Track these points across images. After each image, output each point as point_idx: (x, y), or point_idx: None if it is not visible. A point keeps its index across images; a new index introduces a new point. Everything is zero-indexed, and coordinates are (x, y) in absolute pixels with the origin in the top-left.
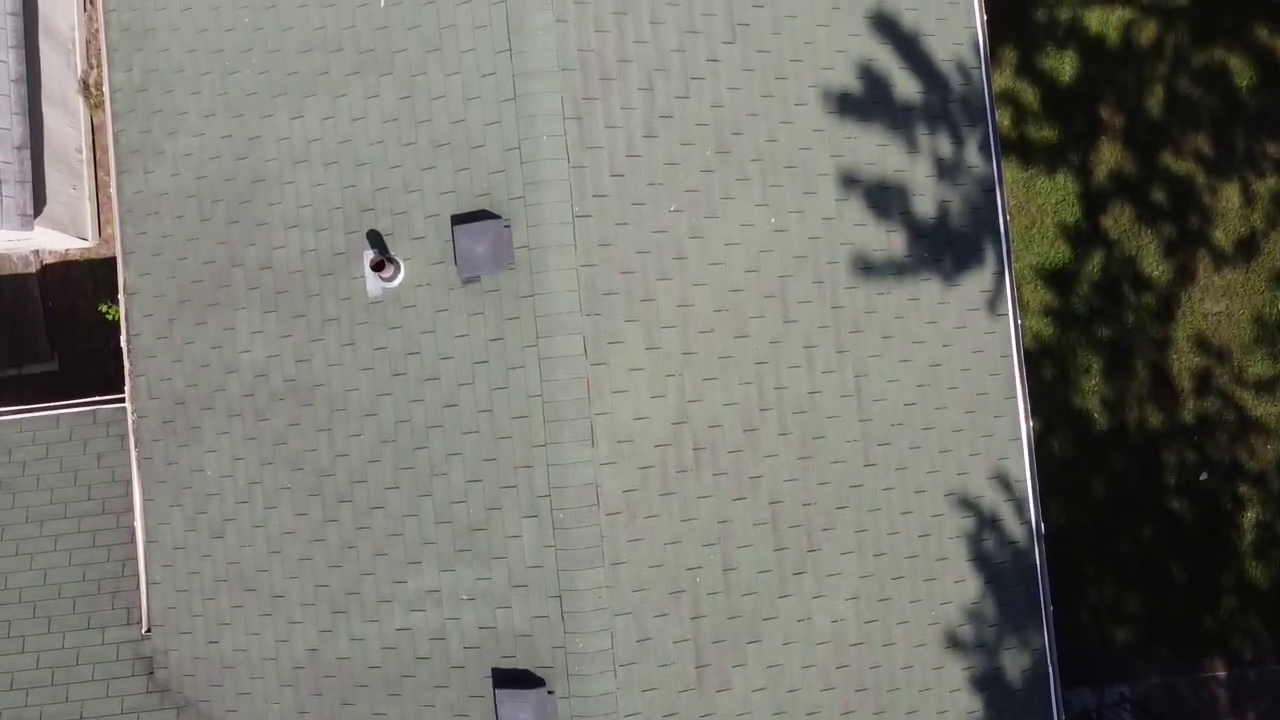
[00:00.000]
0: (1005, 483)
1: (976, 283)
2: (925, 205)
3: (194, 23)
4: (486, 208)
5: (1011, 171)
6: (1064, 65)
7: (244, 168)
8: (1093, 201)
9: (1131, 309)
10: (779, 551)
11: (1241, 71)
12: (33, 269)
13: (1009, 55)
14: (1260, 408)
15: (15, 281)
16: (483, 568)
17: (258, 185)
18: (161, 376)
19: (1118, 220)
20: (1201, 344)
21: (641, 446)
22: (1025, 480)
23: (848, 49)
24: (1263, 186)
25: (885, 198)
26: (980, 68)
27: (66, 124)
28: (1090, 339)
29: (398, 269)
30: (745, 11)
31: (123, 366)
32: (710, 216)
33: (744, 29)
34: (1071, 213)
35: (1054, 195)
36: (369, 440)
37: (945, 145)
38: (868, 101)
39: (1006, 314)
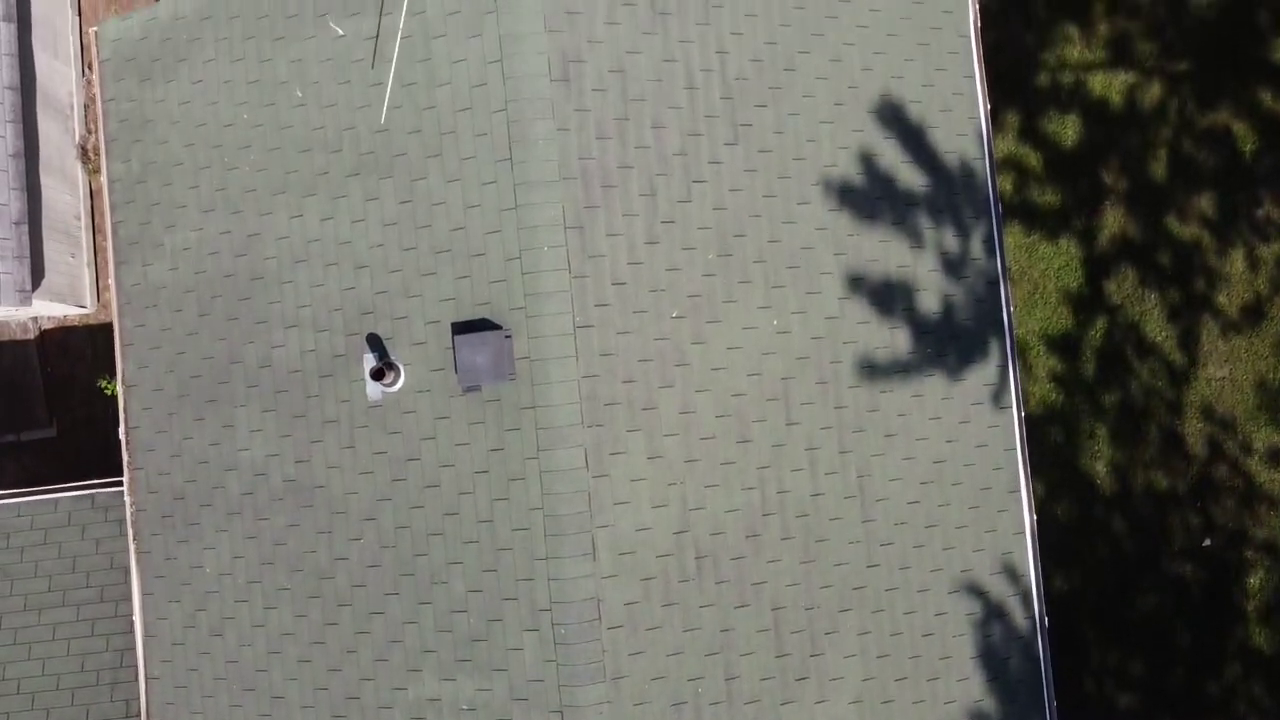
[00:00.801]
0: (1009, 576)
1: (980, 376)
2: (929, 300)
3: (192, 117)
4: (487, 316)
5: (1014, 237)
6: (1067, 129)
7: (243, 265)
8: (1096, 266)
9: (1135, 374)
10: (781, 658)
11: (1245, 136)
12: (31, 335)
13: (1011, 120)
14: (1264, 474)
15: (14, 348)
16: (484, 679)
17: (257, 283)
18: (160, 471)
19: (1121, 285)
20: (1205, 409)
21: (643, 558)
22: (1029, 573)
23: (851, 144)
24: (1267, 251)
25: (889, 294)
26: (984, 159)
27: (65, 191)
28: (1094, 403)
29: (398, 374)
30: (747, 112)
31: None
32: (712, 321)
33: (746, 129)
34: (1074, 278)
35: (1057, 260)
36: (369, 545)
37: (949, 239)
38: (871, 197)
39: (1010, 407)
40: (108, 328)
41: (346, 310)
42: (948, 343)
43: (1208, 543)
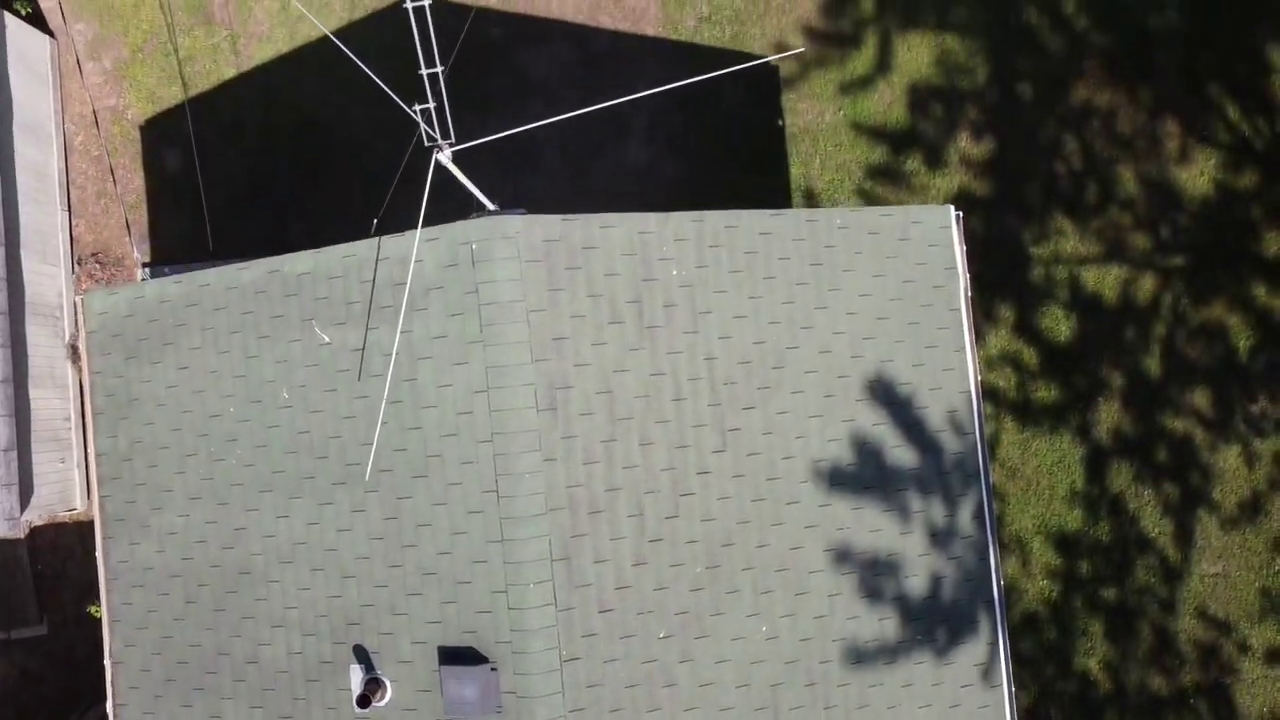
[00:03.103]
0: None
1: (970, 655)
2: (918, 583)
3: (179, 402)
4: (474, 645)
5: (1009, 433)
6: (1061, 324)
7: (230, 557)
8: (1091, 461)
9: (1130, 569)
10: None
11: (1240, 331)
12: (20, 533)
13: (1005, 314)
14: (1256, 670)
15: (2, 546)
16: None
17: (244, 578)
18: None
19: (1116, 480)
20: (1199, 606)
21: None
22: None
23: (840, 434)
24: (1262, 447)
25: (878, 582)
26: (975, 431)
27: (54, 396)
28: (1089, 600)
29: (385, 692)
30: (735, 416)
31: None
32: (701, 636)
33: (734, 434)
34: (1069, 474)
35: (1051, 456)
36: None
37: (938, 515)
38: (860, 485)
39: (1001, 684)
40: None
41: (333, 618)
42: (937, 624)
43: None
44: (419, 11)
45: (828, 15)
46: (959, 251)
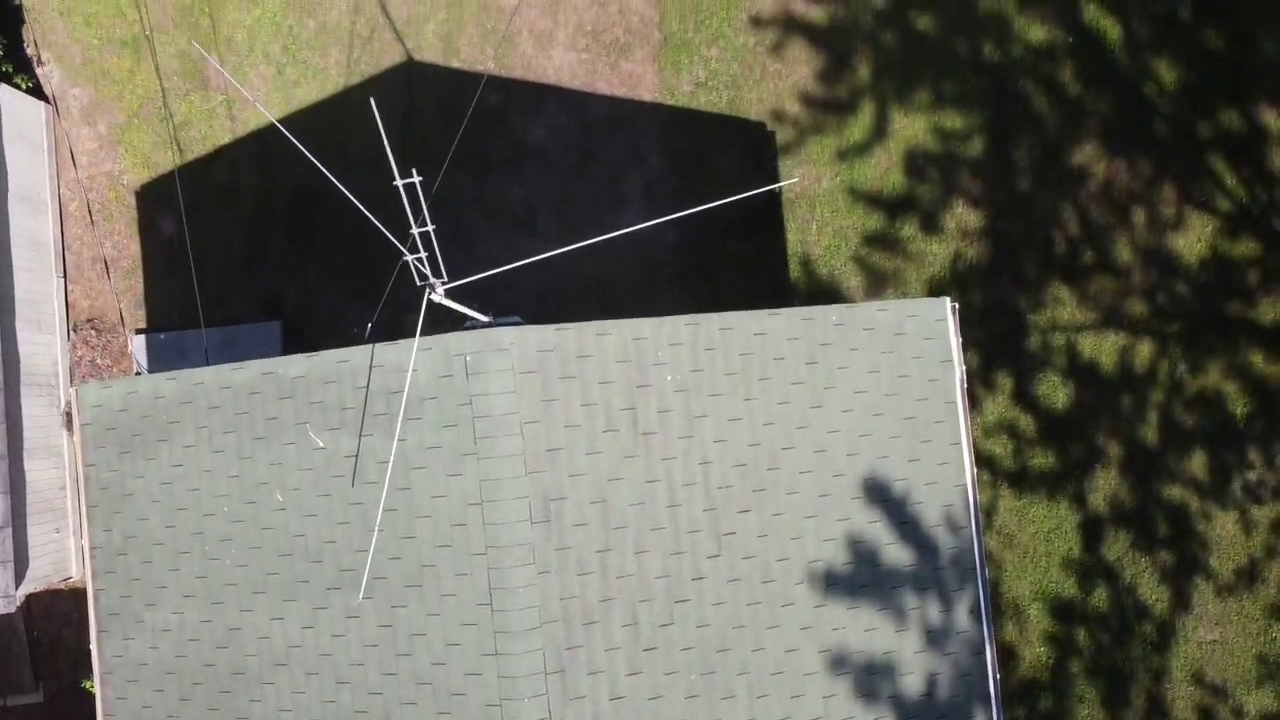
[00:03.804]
0: None
1: None
2: (914, 681)
3: (173, 499)
4: None
5: (1006, 500)
6: (1057, 391)
7: (224, 657)
8: (1088, 528)
9: (1127, 636)
10: None
11: (1236, 398)
12: (14, 608)
13: (1003, 382)
14: None
15: None
16: None
17: (238, 678)
18: None
19: (1113, 547)
20: (1196, 673)
21: None
22: None
23: (836, 534)
24: (1259, 514)
25: (873, 683)
26: (970, 525)
27: (49, 466)
28: (1086, 666)
29: None
30: (731, 520)
31: None
32: None
33: (729, 538)
34: (1066, 540)
35: (1048, 523)
36: None
37: (934, 614)
38: (856, 585)
39: None
40: None
41: None
42: None
43: None
44: (409, 188)
45: (824, 81)
46: (955, 343)
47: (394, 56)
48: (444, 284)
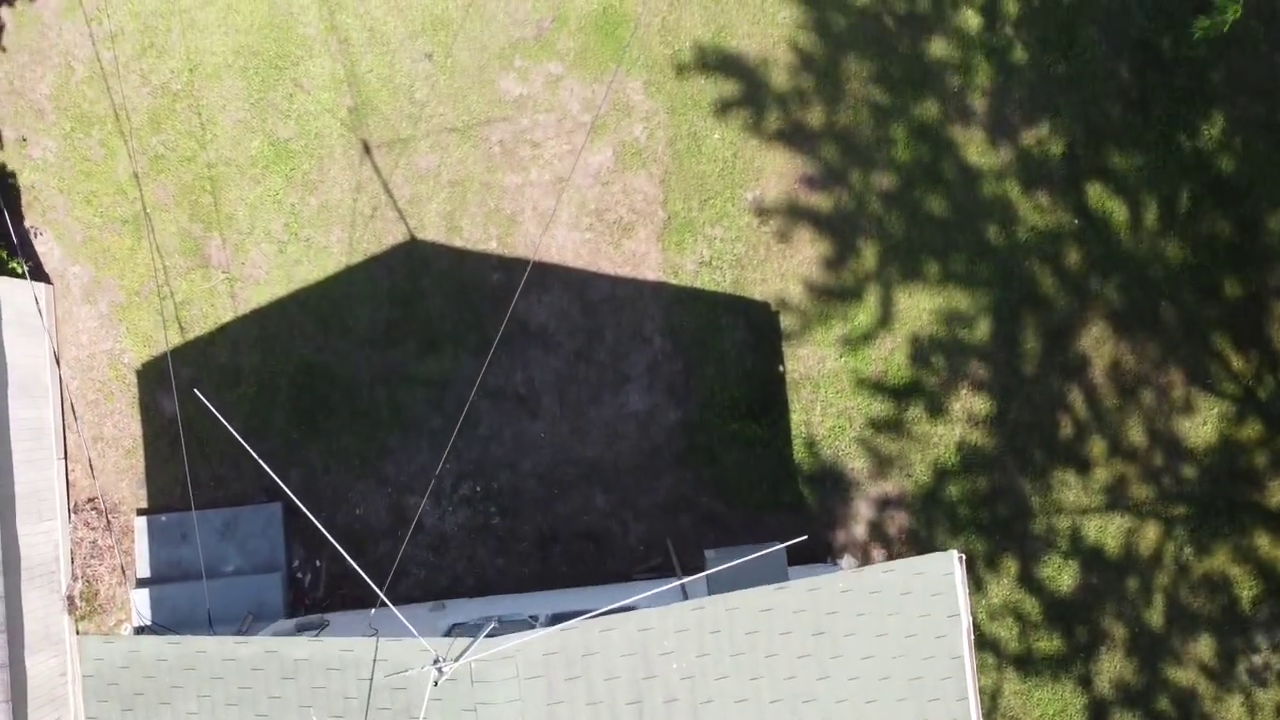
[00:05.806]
0: None
1: None
2: None
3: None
4: None
5: (1010, 684)
6: (1063, 574)
7: None
8: (1093, 711)
9: None
10: None
11: (1243, 581)
12: None
13: (1008, 565)
14: None
15: None
16: None
17: None
18: None
19: None
20: None
21: None
22: None
23: None
24: (1265, 698)
25: None
26: None
27: (50, 656)
28: None
29: None
30: None
31: None
32: None
33: None
34: None
35: (1053, 705)
36: None
37: None
38: None
39: None
40: None
41: None
42: None
43: None
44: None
45: (828, 265)
46: (962, 595)
47: (396, 235)
48: (449, 664)
